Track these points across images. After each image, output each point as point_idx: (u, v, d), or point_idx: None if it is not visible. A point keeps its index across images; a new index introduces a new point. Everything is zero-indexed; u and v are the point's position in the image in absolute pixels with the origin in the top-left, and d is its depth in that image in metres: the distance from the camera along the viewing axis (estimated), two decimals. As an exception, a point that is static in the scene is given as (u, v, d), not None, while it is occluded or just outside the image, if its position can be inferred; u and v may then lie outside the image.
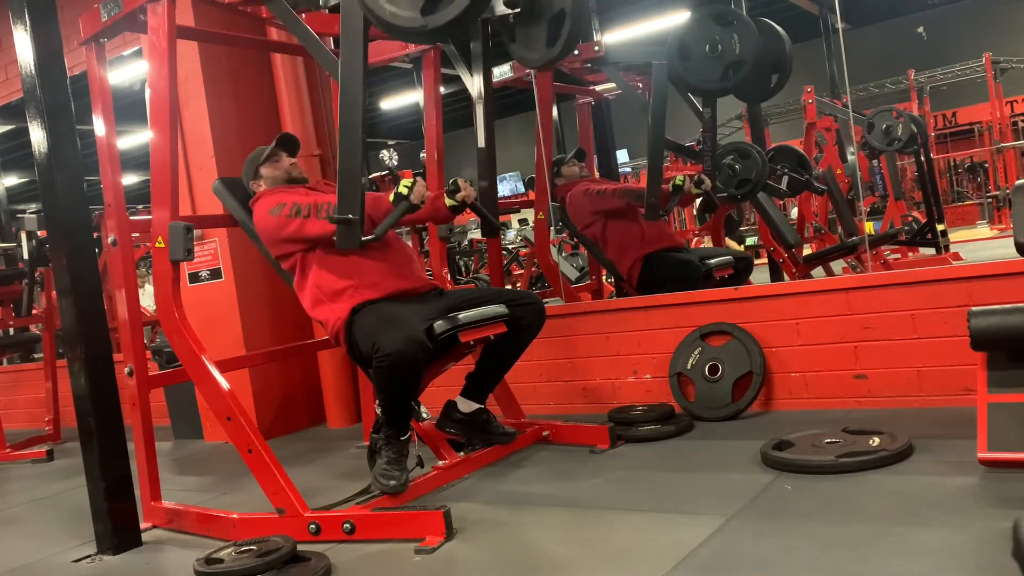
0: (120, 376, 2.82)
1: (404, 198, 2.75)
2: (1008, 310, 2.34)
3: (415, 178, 2.79)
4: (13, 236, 7.93)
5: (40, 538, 3.09)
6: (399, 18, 2.28)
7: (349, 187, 2.66)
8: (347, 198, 2.67)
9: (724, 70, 3.85)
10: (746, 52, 3.79)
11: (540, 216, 4.54)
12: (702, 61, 3.87)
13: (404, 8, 2.27)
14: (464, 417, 3.15)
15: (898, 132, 6.64)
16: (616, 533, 2.30)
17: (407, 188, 2.74)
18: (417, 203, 2.77)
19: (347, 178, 2.66)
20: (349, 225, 2.68)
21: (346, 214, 2.67)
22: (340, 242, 2.73)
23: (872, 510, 2.15)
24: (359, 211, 2.68)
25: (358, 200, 2.67)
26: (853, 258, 6.08)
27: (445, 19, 2.26)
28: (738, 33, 3.79)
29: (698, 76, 3.93)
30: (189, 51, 4.28)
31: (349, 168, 2.66)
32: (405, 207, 2.76)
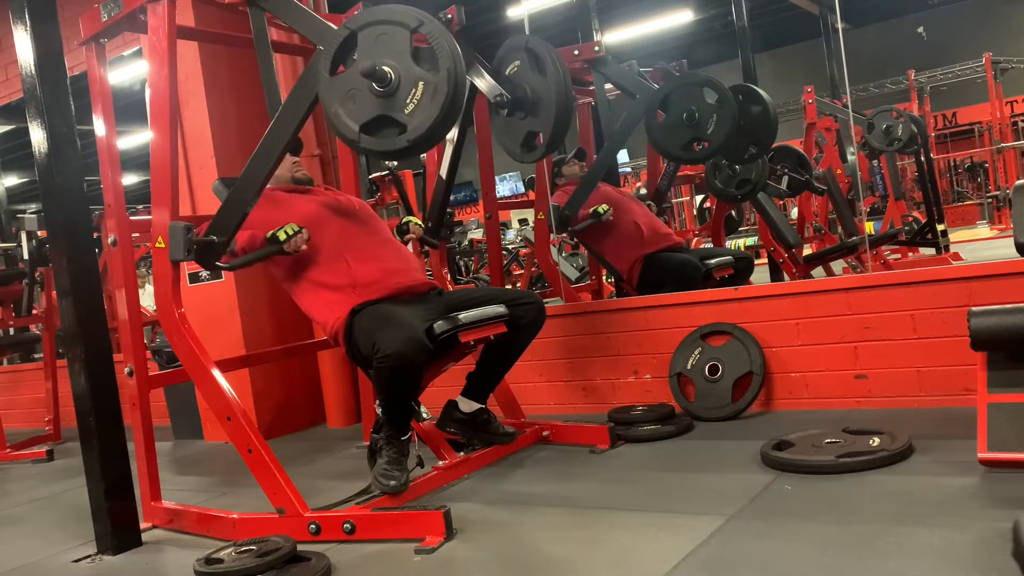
0: (120, 376, 2.82)
1: (278, 243, 2.83)
2: (1008, 310, 2.34)
3: (300, 228, 2.86)
4: (13, 236, 7.94)
5: (40, 538, 3.09)
6: (339, 121, 2.34)
7: (230, 215, 2.72)
8: (223, 222, 2.73)
9: (689, 142, 3.90)
10: (717, 134, 3.81)
11: (540, 216, 4.54)
12: (674, 123, 3.91)
13: (348, 116, 2.33)
14: (464, 417, 3.15)
15: (898, 132, 6.63)
16: (616, 533, 2.30)
17: (286, 235, 2.82)
18: (290, 252, 2.85)
19: (233, 205, 2.72)
20: (211, 245, 2.73)
21: (211, 236, 2.73)
22: (196, 258, 2.76)
23: (872, 510, 2.15)
24: (227, 237, 2.74)
25: (231, 229, 2.73)
26: (853, 258, 6.08)
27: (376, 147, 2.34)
28: (718, 113, 3.81)
29: (664, 136, 3.97)
30: (189, 51, 4.28)
31: (241, 197, 2.70)
32: (274, 250, 2.85)
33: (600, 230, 4.41)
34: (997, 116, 11.62)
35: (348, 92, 2.33)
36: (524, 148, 3.57)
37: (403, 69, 2.25)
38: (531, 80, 3.46)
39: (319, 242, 2.94)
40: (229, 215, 2.72)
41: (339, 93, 2.34)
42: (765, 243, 5.90)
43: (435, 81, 2.22)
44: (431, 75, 2.23)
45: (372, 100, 2.29)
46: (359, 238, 3.03)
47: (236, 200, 2.71)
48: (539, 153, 3.58)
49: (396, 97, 2.27)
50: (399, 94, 2.26)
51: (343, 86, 2.34)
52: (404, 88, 2.26)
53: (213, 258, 2.78)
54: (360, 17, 2.34)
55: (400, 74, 2.25)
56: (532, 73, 3.45)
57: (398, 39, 2.27)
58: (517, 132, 3.58)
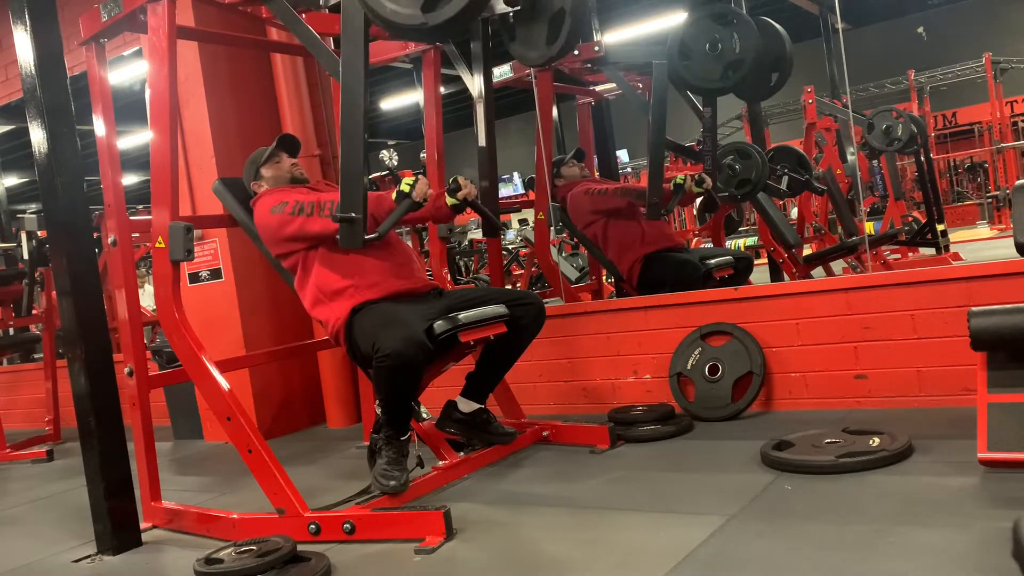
0: (120, 376, 2.82)
1: (407, 196, 2.75)
2: (1008, 310, 2.34)
3: (416, 176, 2.79)
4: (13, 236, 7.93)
5: (40, 538, 3.09)
6: (400, 15, 2.27)
7: (352, 186, 2.66)
8: (350, 197, 2.67)
9: (724, 69, 3.85)
10: (746, 51, 3.79)
11: (540, 216, 4.54)
12: (702, 60, 3.87)
13: (405, 6, 2.26)
14: (464, 417, 3.15)
15: (898, 132, 6.63)
16: (616, 533, 2.30)
17: (409, 186, 2.75)
18: (420, 200, 2.77)
19: (349, 177, 2.66)
20: (352, 223, 2.68)
21: (349, 212, 2.67)
22: (343, 240, 2.72)
23: (872, 510, 2.15)
24: (362, 210, 2.68)
25: (361, 199, 2.67)
26: (853, 258, 6.08)
27: (446, 16, 2.24)
28: (738, 32, 3.79)
29: (698, 75, 3.93)
30: (189, 51, 4.28)
31: (351, 167, 2.65)
32: (408, 204, 2.76)
33: (600, 230, 4.41)
34: (997, 116, 11.63)
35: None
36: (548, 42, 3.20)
37: None
38: None
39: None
40: (352, 187, 2.66)
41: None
42: (765, 243, 5.90)
43: None
44: None
45: None
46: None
47: (350, 171, 2.65)
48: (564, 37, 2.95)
49: None
50: None
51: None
52: None
53: (361, 234, 2.69)
54: None
55: None
56: None
57: None
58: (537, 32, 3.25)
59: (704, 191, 4.22)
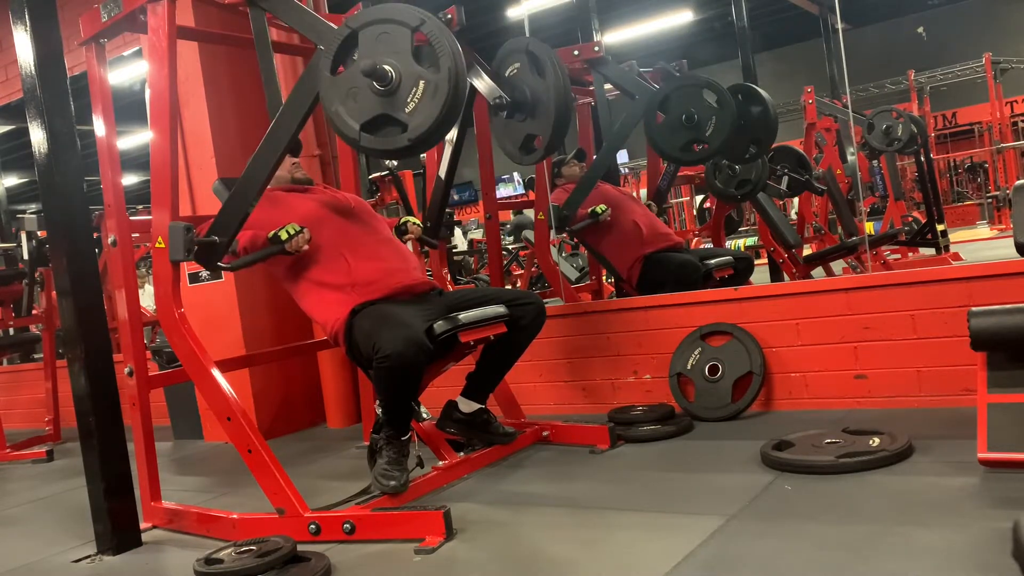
0: (120, 376, 2.82)
1: (280, 242, 2.82)
2: (1008, 310, 2.34)
3: (301, 228, 2.85)
4: (13, 236, 7.93)
5: (40, 538, 3.09)
6: (340, 120, 2.34)
7: (232, 215, 2.72)
8: (224, 222, 2.73)
9: (687, 143, 3.93)
10: (716, 135, 3.84)
11: (540, 216, 4.54)
12: (674, 124, 3.93)
13: (349, 115, 2.33)
14: (464, 417, 3.15)
15: (898, 132, 6.63)
16: (616, 533, 2.30)
17: (288, 235, 2.81)
18: (291, 251, 2.84)
19: (234, 207, 2.72)
20: (213, 245, 2.73)
21: (212, 236, 2.72)
22: (197, 258, 2.76)
23: (872, 510, 2.15)
24: (228, 237, 2.73)
25: (232, 229, 2.72)
26: (853, 258, 6.08)
27: (377, 146, 2.33)
28: (717, 116, 3.82)
29: (663, 137, 3.99)
30: (189, 51, 4.28)
31: (241, 200, 2.70)
32: (275, 250, 2.84)
33: (600, 230, 4.41)
34: (997, 116, 11.63)
35: (349, 91, 2.33)
36: (523, 150, 3.59)
37: (404, 68, 2.25)
38: (531, 82, 3.46)
39: (319, 241, 2.94)
40: (230, 215, 2.72)
41: (340, 92, 2.34)
42: (765, 243, 5.90)
43: (436, 80, 2.22)
44: (432, 74, 2.23)
45: (373, 99, 2.29)
46: (359, 237, 3.03)
47: (237, 200, 2.71)
48: (538, 156, 3.60)
49: (397, 96, 2.27)
50: (400, 93, 2.26)
51: (344, 85, 2.34)
52: (405, 87, 2.26)
53: (215, 258, 2.77)
54: (361, 16, 2.34)
55: (401, 73, 2.25)
56: (532, 75, 3.45)
57: (399, 38, 2.27)
58: (516, 134, 3.59)
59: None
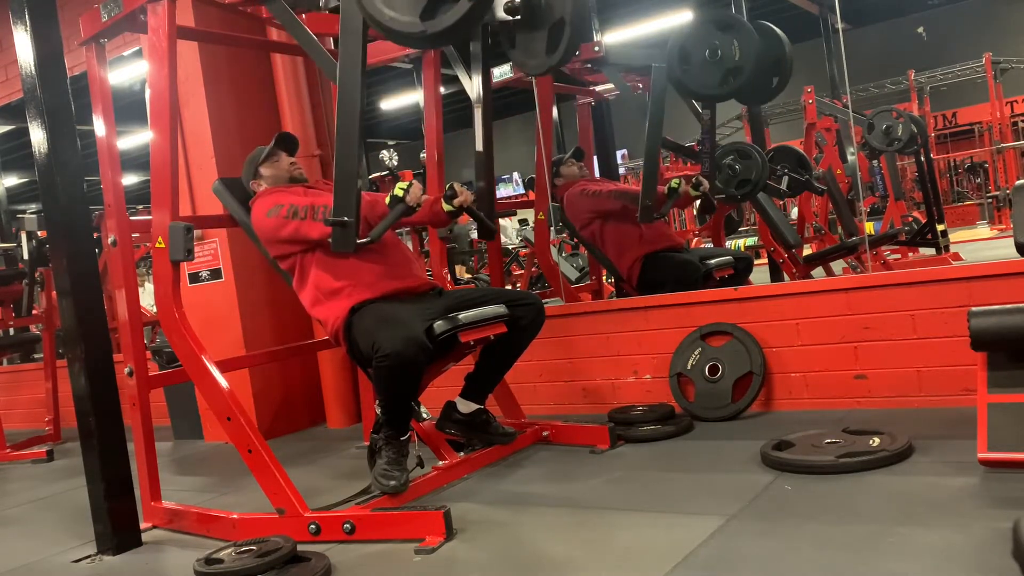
0: (120, 376, 2.82)
1: (400, 200, 2.76)
2: (1008, 310, 2.34)
3: (412, 180, 2.79)
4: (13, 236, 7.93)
5: (40, 538, 3.09)
6: (398, 23, 2.26)
7: (345, 190, 2.67)
8: (343, 200, 2.68)
9: (723, 75, 3.87)
10: (745, 58, 3.80)
11: (540, 216, 4.54)
12: (702, 66, 3.88)
13: (403, 13, 2.25)
14: (464, 417, 3.14)
15: (898, 132, 6.64)
16: (616, 533, 2.30)
17: (403, 190, 2.75)
18: (413, 205, 2.77)
19: (343, 180, 2.67)
20: (344, 227, 2.69)
21: (342, 216, 2.68)
22: (335, 244, 2.73)
23: (872, 510, 2.15)
24: (355, 214, 2.69)
25: (354, 203, 2.68)
26: (853, 258, 6.08)
27: (444, 25, 2.23)
28: (738, 38, 3.80)
29: (698, 81, 3.95)
30: (189, 51, 4.28)
31: (346, 171, 2.66)
32: (402, 209, 2.77)
33: (599, 230, 4.41)
34: (997, 116, 11.63)
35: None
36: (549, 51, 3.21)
37: None
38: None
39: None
40: (346, 191, 2.67)
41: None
42: (765, 243, 5.90)
43: None
44: None
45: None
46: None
47: (345, 175, 2.66)
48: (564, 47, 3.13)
49: None
50: None
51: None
52: None
53: (353, 238, 2.71)
54: None
55: None
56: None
57: None
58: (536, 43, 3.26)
59: (701, 194, 4.21)
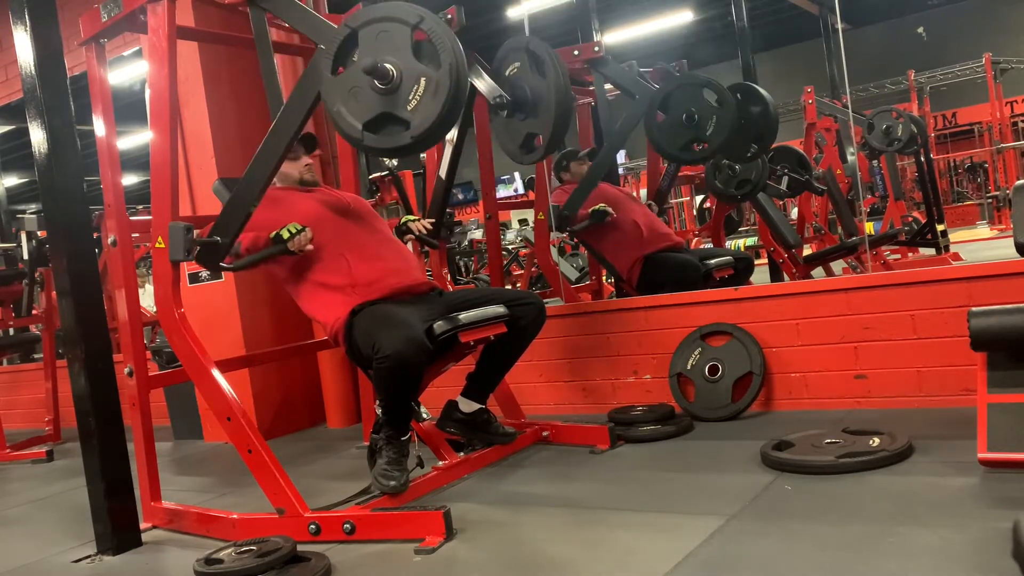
0: (120, 376, 2.82)
1: (282, 241, 2.81)
2: (1008, 310, 2.34)
3: (303, 228, 2.83)
4: (13, 236, 7.93)
5: (40, 538, 3.09)
6: (342, 121, 2.34)
7: (234, 215, 2.72)
8: (227, 223, 2.73)
9: (689, 142, 3.91)
10: (716, 135, 3.82)
11: (540, 216, 4.54)
12: (674, 124, 3.92)
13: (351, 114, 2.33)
14: (464, 417, 3.15)
15: (898, 132, 6.64)
16: (616, 533, 2.30)
17: (290, 234, 2.80)
18: (294, 251, 2.82)
19: (237, 206, 2.71)
20: (215, 246, 2.73)
21: (215, 236, 2.72)
22: (198, 259, 2.76)
23: (872, 510, 2.15)
24: (230, 238, 2.73)
25: (234, 229, 2.72)
26: (853, 258, 6.08)
27: (378, 145, 2.33)
28: (718, 116, 3.81)
29: (665, 137, 3.98)
30: (189, 51, 4.28)
31: (244, 199, 2.70)
32: (280, 249, 2.82)
33: (600, 230, 4.41)
34: (997, 116, 11.63)
35: (350, 90, 2.33)
36: (523, 149, 3.59)
37: (405, 66, 2.25)
38: (531, 81, 3.46)
39: (320, 241, 2.94)
40: (232, 216, 2.72)
41: (341, 92, 2.34)
42: (765, 243, 5.90)
43: (437, 77, 2.22)
44: (433, 71, 2.23)
45: (374, 98, 2.29)
46: (359, 237, 3.03)
47: (239, 201, 2.71)
48: (538, 155, 3.60)
49: (398, 94, 2.26)
50: (401, 91, 2.26)
51: (345, 84, 2.34)
52: (406, 85, 2.25)
53: (217, 259, 2.77)
54: (360, 15, 2.34)
55: (402, 71, 2.25)
56: (532, 74, 3.45)
57: (399, 36, 2.27)
58: (516, 133, 3.59)
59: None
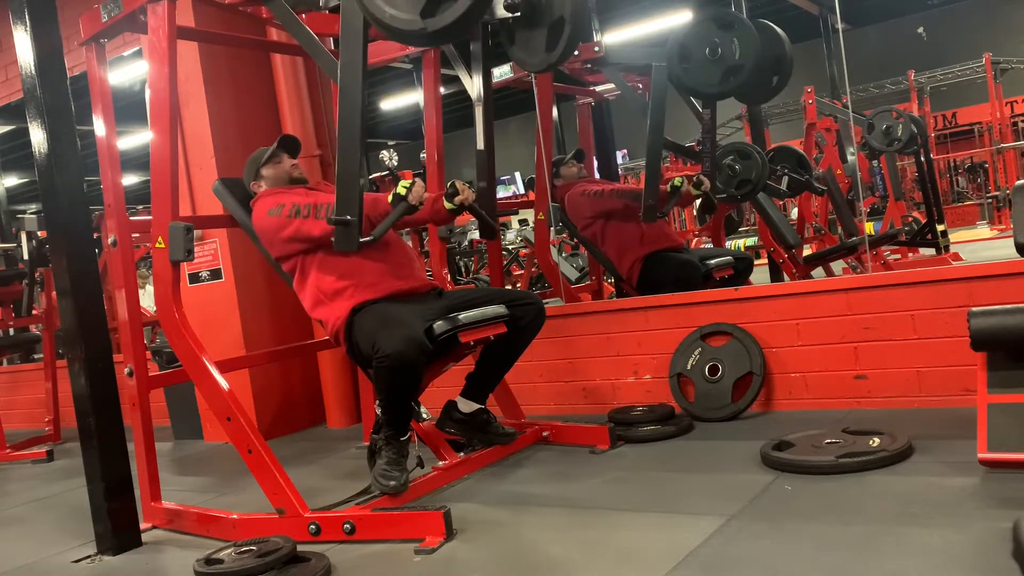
0: (120, 376, 2.82)
1: (403, 199, 2.76)
2: (1008, 310, 2.34)
3: (414, 179, 2.79)
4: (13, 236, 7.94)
5: (40, 538, 3.09)
6: (399, 20, 2.27)
7: (348, 188, 2.67)
8: (345, 199, 2.68)
9: (723, 74, 3.86)
10: (746, 56, 3.79)
11: (540, 216, 4.54)
12: (702, 65, 3.87)
13: (404, 11, 2.25)
14: (464, 417, 3.15)
15: (898, 132, 6.64)
16: (616, 533, 2.30)
17: (405, 189, 2.75)
18: (415, 204, 2.77)
19: (346, 179, 2.67)
20: (347, 226, 2.69)
21: (344, 215, 2.68)
22: (338, 243, 2.73)
23: (872, 510, 2.15)
24: (357, 212, 2.69)
25: (356, 202, 2.68)
26: (853, 258, 6.08)
27: (444, 22, 2.24)
28: (738, 37, 3.79)
29: (698, 79, 3.93)
30: (189, 51, 4.28)
31: (348, 170, 2.66)
32: (404, 208, 2.77)
33: (601, 230, 4.41)
34: (997, 116, 11.63)
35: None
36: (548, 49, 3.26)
37: None
38: None
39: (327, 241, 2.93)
40: (348, 191, 2.67)
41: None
42: (765, 243, 5.90)
43: None
44: None
45: None
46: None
47: (347, 174, 2.66)
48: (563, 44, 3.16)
49: None
50: None
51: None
52: None
53: (356, 236, 2.71)
54: None
55: None
56: None
57: None
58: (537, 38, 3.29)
59: (702, 193, 4.21)
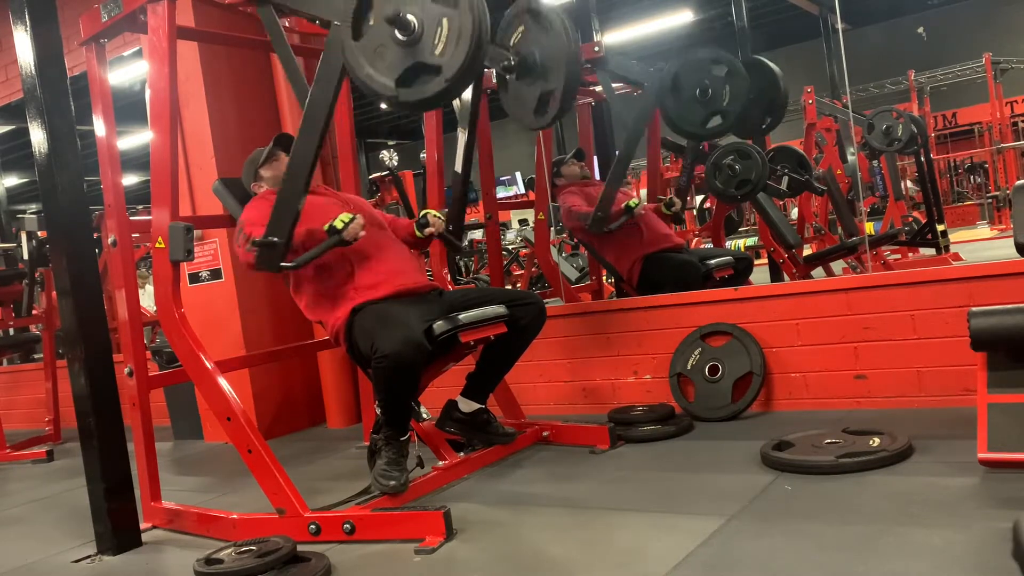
0: (120, 376, 2.82)
1: (337, 232, 2.79)
2: (1008, 310, 2.34)
3: (354, 215, 2.82)
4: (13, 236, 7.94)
5: (40, 538, 3.09)
6: (374, 82, 2.29)
7: (284, 212, 2.69)
8: (279, 222, 2.71)
9: (707, 116, 3.87)
10: (734, 103, 3.79)
11: (540, 216, 4.54)
12: (689, 101, 3.88)
13: (381, 74, 2.28)
14: (464, 417, 3.15)
15: (898, 132, 6.64)
16: (616, 533, 2.30)
17: (343, 224, 2.78)
18: (349, 240, 2.80)
19: (285, 204, 2.69)
20: (272, 248, 2.71)
21: (272, 237, 2.71)
22: (257, 264, 2.76)
23: (872, 510, 2.15)
24: (286, 237, 2.71)
25: (288, 227, 2.70)
26: (853, 258, 6.08)
27: (417, 97, 2.27)
28: (730, 82, 3.79)
29: (683, 116, 3.95)
30: (189, 51, 4.28)
31: (290, 193, 2.68)
32: (336, 240, 2.80)
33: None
34: (997, 116, 11.63)
35: (375, 51, 2.27)
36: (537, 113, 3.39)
37: (423, 12, 2.19)
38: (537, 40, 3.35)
39: None
40: (283, 214, 2.69)
41: (366, 55, 2.28)
42: (765, 243, 5.90)
43: (458, 15, 2.16)
44: (452, 10, 2.17)
45: (400, 52, 2.23)
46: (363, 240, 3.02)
47: (286, 198, 2.68)
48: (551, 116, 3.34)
49: (423, 42, 2.20)
50: (425, 38, 2.20)
51: (368, 47, 2.28)
52: (429, 30, 2.19)
53: (277, 259, 2.74)
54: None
55: (422, 16, 2.19)
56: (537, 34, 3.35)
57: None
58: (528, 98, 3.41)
59: (672, 213, 4.30)
